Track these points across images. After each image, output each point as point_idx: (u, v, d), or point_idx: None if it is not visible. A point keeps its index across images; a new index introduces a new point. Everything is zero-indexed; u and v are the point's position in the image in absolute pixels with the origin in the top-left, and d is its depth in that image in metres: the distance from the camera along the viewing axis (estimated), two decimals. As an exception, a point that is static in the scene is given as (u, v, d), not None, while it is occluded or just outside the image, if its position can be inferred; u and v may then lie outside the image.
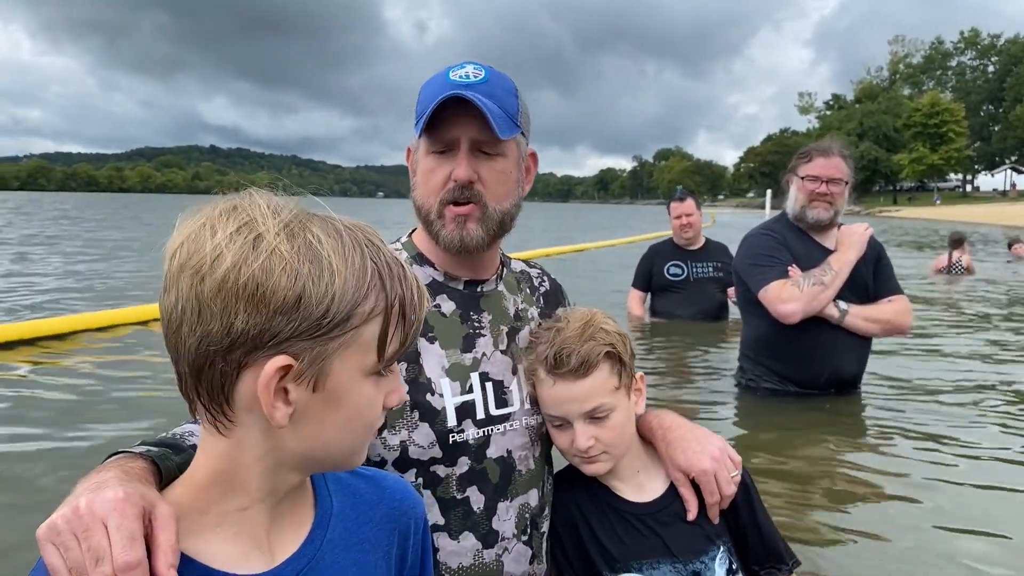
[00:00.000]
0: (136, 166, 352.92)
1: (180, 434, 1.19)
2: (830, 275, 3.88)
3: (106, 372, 5.10)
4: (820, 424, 3.84)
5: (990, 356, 5.89)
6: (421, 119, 1.51)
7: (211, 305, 0.81)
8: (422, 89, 1.60)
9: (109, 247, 16.63)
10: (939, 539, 2.67)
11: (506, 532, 1.58)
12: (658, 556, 1.61)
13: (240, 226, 0.83)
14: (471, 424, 1.56)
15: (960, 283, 11.66)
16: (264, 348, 0.82)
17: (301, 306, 0.82)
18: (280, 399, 0.85)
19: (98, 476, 0.96)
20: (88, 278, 10.65)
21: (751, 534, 1.68)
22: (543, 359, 1.58)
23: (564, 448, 1.65)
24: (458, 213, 1.56)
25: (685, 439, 1.66)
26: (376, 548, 1.08)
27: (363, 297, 0.86)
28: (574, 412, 1.58)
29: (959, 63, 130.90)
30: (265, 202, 0.86)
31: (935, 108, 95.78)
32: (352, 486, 1.11)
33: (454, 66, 1.58)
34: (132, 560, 0.83)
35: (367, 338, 0.88)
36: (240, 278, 0.80)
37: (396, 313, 0.89)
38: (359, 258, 0.86)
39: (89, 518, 0.86)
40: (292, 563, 0.97)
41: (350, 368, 0.88)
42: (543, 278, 1.88)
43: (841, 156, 4.03)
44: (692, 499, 1.64)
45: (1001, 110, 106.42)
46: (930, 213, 65.82)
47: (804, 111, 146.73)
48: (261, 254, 0.81)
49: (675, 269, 6.70)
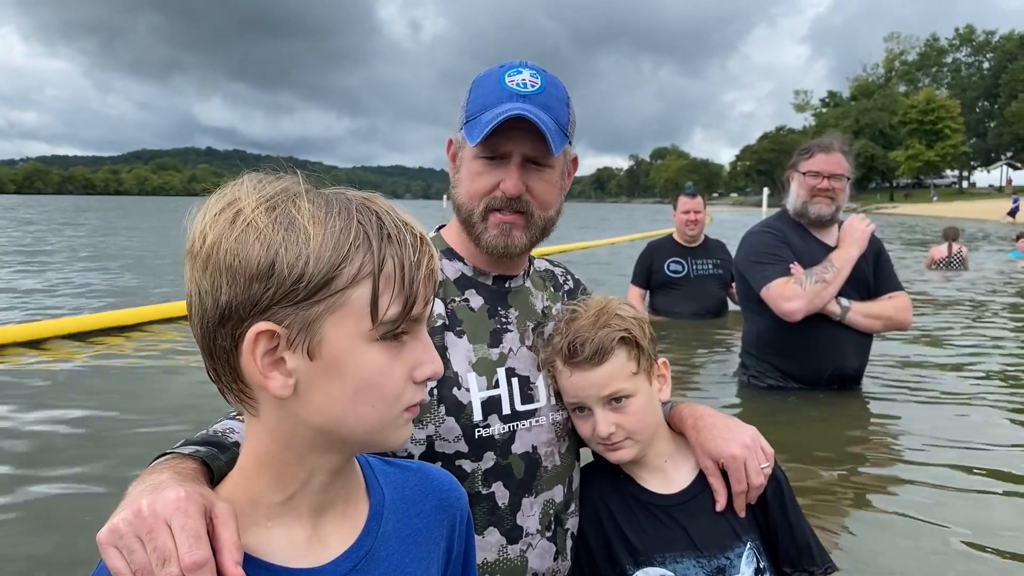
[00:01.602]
0: (132, 168, 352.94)
1: (221, 431, 1.20)
2: (832, 272, 3.89)
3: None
4: (823, 420, 3.86)
5: (991, 349, 5.91)
6: (477, 126, 1.51)
7: (203, 283, 0.84)
8: (473, 87, 1.61)
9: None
10: (942, 535, 2.67)
11: (530, 528, 1.59)
12: (682, 549, 1.58)
13: (224, 206, 0.86)
14: (497, 419, 1.57)
15: (959, 277, 11.69)
16: (249, 318, 0.83)
17: (275, 271, 0.82)
18: (278, 369, 0.85)
19: (152, 478, 0.96)
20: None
21: (781, 532, 1.63)
22: (559, 350, 1.58)
23: (587, 436, 1.64)
24: (504, 221, 1.58)
25: (716, 427, 1.64)
26: (427, 540, 1.08)
27: (344, 259, 0.83)
28: (592, 399, 1.58)
29: (954, 60, 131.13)
30: (252, 182, 0.88)
31: (931, 105, 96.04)
32: (400, 478, 1.11)
33: (508, 67, 1.58)
34: (200, 559, 0.84)
35: (358, 301, 0.85)
36: (220, 253, 0.83)
37: (389, 276, 0.86)
38: (342, 221, 0.85)
39: (153, 519, 0.86)
40: (350, 555, 0.97)
41: (346, 334, 0.86)
42: (567, 276, 1.90)
43: (842, 152, 4.06)
44: (721, 489, 1.61)
45: (996, 106, 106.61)
46: (927, 209, 65.94)
47: (800, 109, 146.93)
48: (237, 228, 0.83)
49: (675, 266, 6.70)
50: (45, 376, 5.00)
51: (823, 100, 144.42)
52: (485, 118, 1.51)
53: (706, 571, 1.56)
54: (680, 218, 6.76)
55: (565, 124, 1.58)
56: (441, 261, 1.66)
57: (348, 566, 0.96)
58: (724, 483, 1.61)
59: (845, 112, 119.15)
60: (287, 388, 0.86)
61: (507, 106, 1.49)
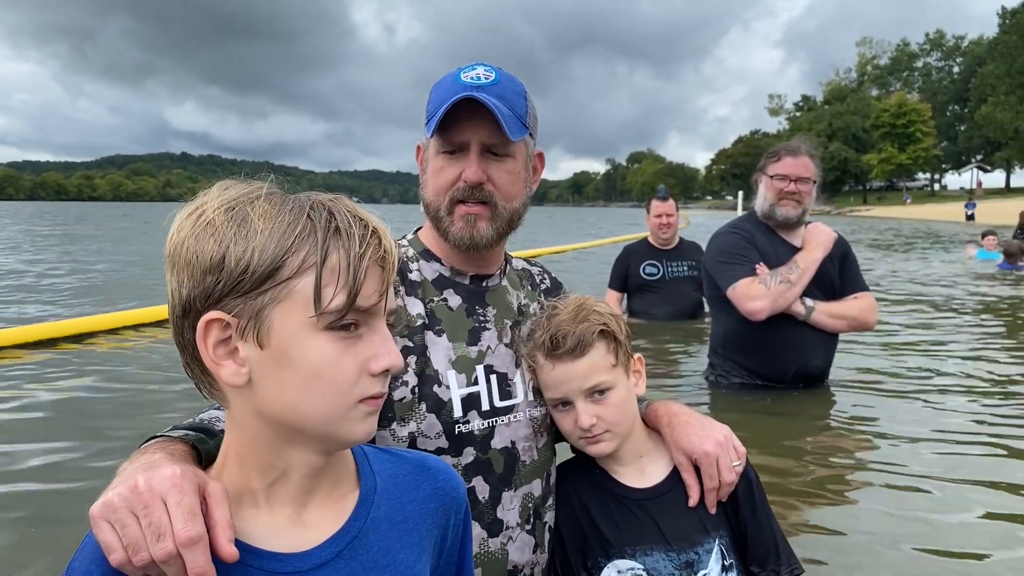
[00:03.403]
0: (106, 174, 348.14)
1: (208, 419, 1.22)
2: (796, 273, 3.98)
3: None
4: (787, 418, 3.92)
5: (954, 348, 6.04)
6: (432, 120, 1.55)
7: (172, 280, 0.92)
8: (433, 89, 1.64)
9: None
10: (901, 528, 2.76)
11: (510, 521, 1.62)
12: (652, 542, 1.62)
13: (191, 212, 0.92)
14: (476, 415, 1.60)
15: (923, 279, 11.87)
16: (205, 310, 0.89)
17: (224, 264, 0.87)
18: (231, 358, 0.91)
19: (144, 458, 0.99)
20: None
21: (751, 530, 1.66)
22: (540, 344, 1.62)
23: (568, 431, 1.67)
24: (469, 212, 1.62)
25: (690, 424, 1.68)
26: (420, 528, 1.10)
27: (288, 250, 0.88)
28: (575, 391, 1.61)
29: (925, 64, 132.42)
30: (221, 187, 0.94)
31: (903, 108, 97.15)
32: (395, 467, 1.13)
33: (465, 67, 1.62)
34: (194, 534, 0.85)
35: (303, 292, 0.88)
36: (182, 250, 0.90)
37: (333, 267, 0.88)
38: (291, 216, 0.89)
39: (149, 495, 0.88)
40: (337, 540, 0.99)
41: (293, 323, 0.89)
42: (544, 275, 1.93)
43: (809, 155, 4.14)
44: (694, 484, 1.64)
45: (966, 110, 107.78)
46: (900, 212, 66.61)
47: (774, 113, 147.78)
48: (198, 227, 0.90)
49: (651, 269, 6.77)
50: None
51: (797, 104, 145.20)
52: (436, 112, 1.55)
53: (675, 564, 1.59)
54: (653, 221, 6.82)
55: (523, 115, 1.62)
56: (419, 262, 1.70)
57: (334, 551, 0.98)
58: (697, 479, 1.65)
59: (819, 116, 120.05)
60: (240, 376, 0.90)
61: (460, 95, 1.53)
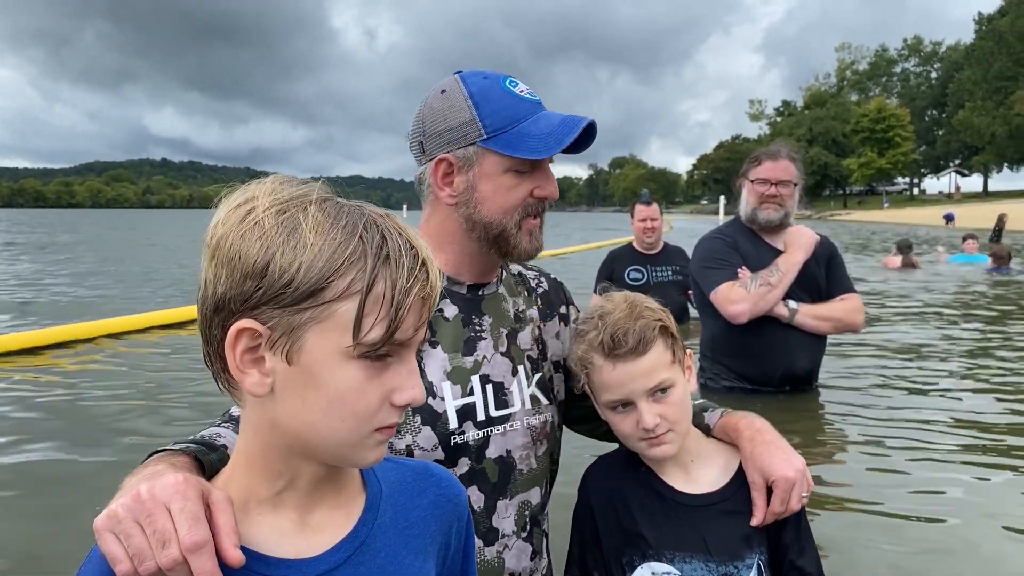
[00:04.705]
0: (86, 180, 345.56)
1: (208, 436, 1.21)
2: (777, 276, 4.00)
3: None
4: (775, 422, 3.92)
5: (943, 351, 6.09)
6: (530, 139, 1.52)
7: (208, 271, 0.88)
8: (481, 99, 1.55)
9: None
10: (885, 531, 2.78)
11: (506, 530, 1.62)
12: (693, 550, 1.56)
13: (241, 203, 0.88)
14: (471, 426, 1.58)
15: (912, 280, 11.99)
16: (238, 312, 0.85)
17: (268, 272, 0.84)
18: (257, 367, 0.88)
19: (147, 470, 0.97)
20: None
21: (792, 553, 1.61)
22: (598, 345, 1.55)
23: (628, 433, 1.59)
24: (535, 226, 1.63)
25: (775, 444, 1.63)
26: (424, 534, 1.09)
27: (336, 272, 0.84)
28: (638, 391, 1.55)
29: (903, 69, 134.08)
30: (274, 184, 0.90)
31: (882, 113, 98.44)
32: (398, 474, 1.11)
33: (504, 79, 1.59)
34: (199, 539, 0.84)
35: (343, 316, 0.85)
36: (225, 246, 0.86)
37: (378, 297, 0.85)
38: (344, 236, 0.85)
39: (152, 503, 0.87)
40: (344, 545, 0.98)
41: (327, 346, 0.86)
42: (540, 279, 1.89)
43: (790, 159, 4.18)
44: (762, 505, 1.57)
45: (944, 115, 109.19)
46: (879, 216, 67.27)
47: (755, 118, 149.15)
48: (245, 225, 0.86)
49: (635, 274, 6.78)
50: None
51: (777, 109, 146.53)
52: (534, 129, 1.53)
53: (713, 575, 1.55)
54: (637, 226, 6.83)
55: None
56: None
57: (342, 556, 0.97)
58: (766, 500, 1.58)
59: (799, 121, 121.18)
60: (263, 387, 0.88)
61: (551, 116, 1.55)
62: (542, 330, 1.78)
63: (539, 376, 1.72)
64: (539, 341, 1.76)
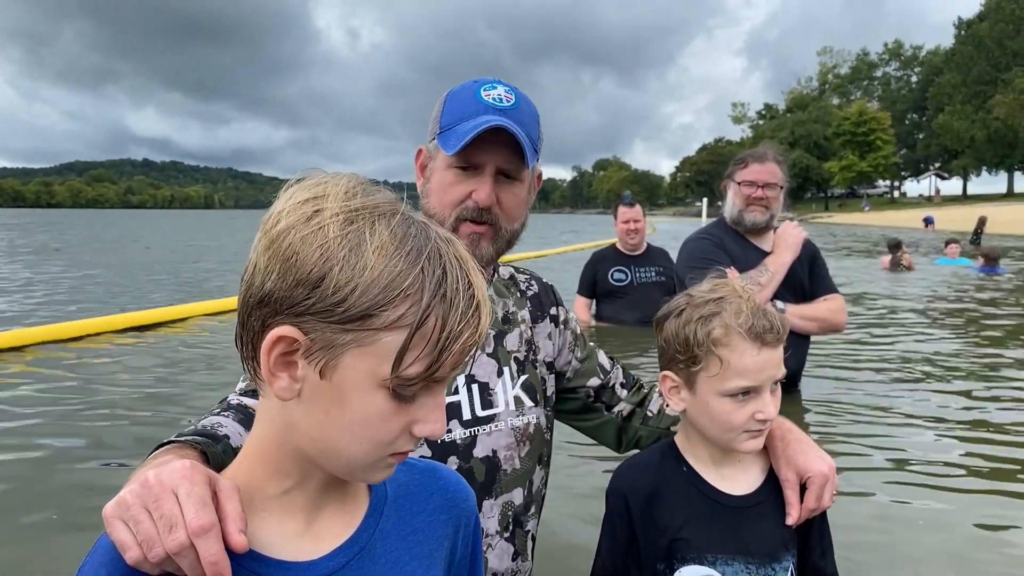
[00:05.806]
0: (66, 180, 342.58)
1: (210, 425, 1.21)
2: (766, 276, 4.01)
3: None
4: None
5: (929, 351, 6.13)
6: (453, 136, 1.54)
7: (261, 260, 0.85)
8: (448, 99, 1.64)
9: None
10: (868, 532, 2.79)
11: (489, 529, 1.62)
12: (734, 552, 1.53)
13: (309, 198, 0.86)
14: (458, 425, 1.60)
15: (899, 281, 12.08)
16: (282, 314, 0.83)
17: (322, 285, 0.81)
18: (288, 371, 0.86)
19: (155, 461, 0.98)
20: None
21: (815, 554, 1.61)
22: (748, 328, 1.48)
23: (739, 423, 1.51)
24: (473, 232, 1.62)
25: (807, 443, 1.61)
26: (430, 539, 1.07)
27: (390, 301, 0.82)
28: (770, 378, 1.50)
29: (884, 73, 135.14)
30: (348, 186, 0.87)
31: (863, 117, 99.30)
32: (405, 476, 1.10)
33: (482, 82, 1.61)
34: (206, 523, 0.84)
35: (386, 346, 0.83)
36: (284, 242, 0.83)
37: (425, 334, 0.83)
38: (405, 264, 0.83)
39: (159, 488, 0.87)
40: (345, 550, 0.97)
41: (362, 370, 0.84)
42: (530, 281, 1.89)
43: (776, 161, 4.20)
44: (796, 503, 1.56)
45: (924, 119, 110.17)
46: (860, 219, 67.87)
47: (738, 121, 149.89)
48: (309, 227, 0.83)
49: (619, 275, 6.81)
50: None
51: (760, 112, 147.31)
52: (462, 128, 1.54)
53: None
54: (620, 227, 6.86)
55: (536, 140, 1.63)
56: None
57: (342, 560, 0.96)
58: (799, 497, 1.57)
59: (781, 124, 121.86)
60: (290, 392, 0.86)
61: (485, 118, 1.53)
62: (533, 332, 1.78)
63: (524, 378, 1.72)
64: (529, 343, 1.76)
